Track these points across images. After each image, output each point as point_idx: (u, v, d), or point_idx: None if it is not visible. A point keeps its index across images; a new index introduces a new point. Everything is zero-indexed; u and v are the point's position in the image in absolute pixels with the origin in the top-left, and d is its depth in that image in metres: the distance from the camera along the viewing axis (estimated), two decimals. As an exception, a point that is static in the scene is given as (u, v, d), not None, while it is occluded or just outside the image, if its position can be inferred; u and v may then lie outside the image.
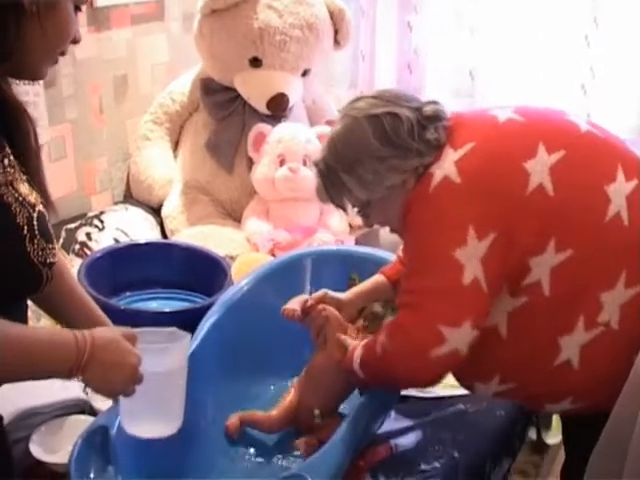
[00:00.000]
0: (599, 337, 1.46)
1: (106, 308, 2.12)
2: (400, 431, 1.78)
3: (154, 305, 2.37)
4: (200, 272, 2.40)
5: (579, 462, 1.72)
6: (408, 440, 1.75)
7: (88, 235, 2.50)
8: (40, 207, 1.24)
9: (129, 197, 2.94)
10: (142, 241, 2.53)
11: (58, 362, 1.16)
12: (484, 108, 1.65)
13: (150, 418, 1.33)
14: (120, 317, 2.12)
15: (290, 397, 1.79)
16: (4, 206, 1.17)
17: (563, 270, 1.44)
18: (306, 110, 3.06)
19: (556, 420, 2.13)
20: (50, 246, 1.24)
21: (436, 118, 1.53)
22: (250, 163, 2.80)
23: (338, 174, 1.56)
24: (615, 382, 1.45)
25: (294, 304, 1.81)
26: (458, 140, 1.50)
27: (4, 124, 1.22)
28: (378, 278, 1.86)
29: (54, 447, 1.66)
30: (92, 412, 1.82)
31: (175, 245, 2.56)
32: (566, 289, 1.46)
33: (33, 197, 1.23)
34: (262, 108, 2.78)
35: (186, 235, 2.67)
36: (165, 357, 1.31)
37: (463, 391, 1.79)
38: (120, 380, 1.22)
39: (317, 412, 1.71)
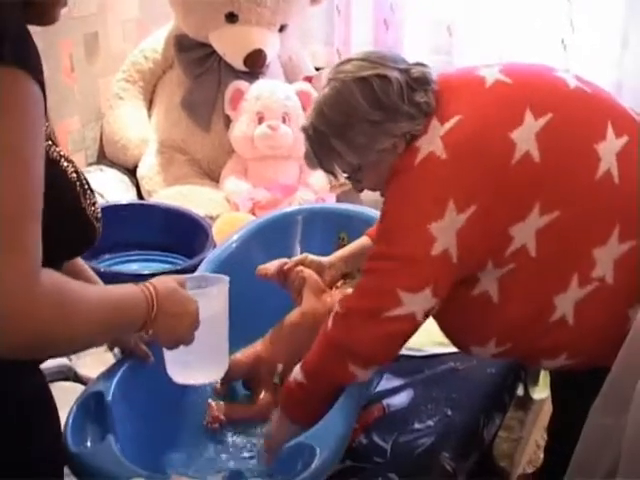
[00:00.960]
0: (594, 292, 1.46)
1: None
2: (392, 390, 1.77)
3: (134, 267, 2.34)
4: (180, 233, 2.38)
5: (569, 418, 1.73)
6: (400, 399, 1.74)
7: (64, 197, 2.44)
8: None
9: (103, 158, 2.88)
10: (120, 202, 2.49)
11: (133, 319, 1.12)
12: (471, 67, 1.62)
13: (202, 364, 1.35)
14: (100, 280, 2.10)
15: (259, 347, 1.75)
16: (54, 162, 1.10)
17: (550, 231, 1.44)
18: (282, 67, 3.00)
19: (543, 376, 2.14)
20: (95, 200, 1.20)
21: (424, 81, 1.51)
22: (227, 121, 2.76)
23: (328, 139, 1.52)
24: (611, 336, 1.45)
25: (269, 265, 1.79)
26: (446, 111, 1.48)
27: None
28: (364, 240, 1.83)
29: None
30: (77, 379, 1.78)
31: (154, 206, 2.53)
32: (555, 249, 1.45)
33: (64, 152, 1.16)
34: (239, 65, 2.73)
35: (164, 196, 2.63)
36: (212, 300, 1.32)
37: (453, 348, 1.78)
38: (184, 328, 1.21)
39: (280, 368, 1.68)
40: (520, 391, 2.11)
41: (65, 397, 1.47)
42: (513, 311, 1.48)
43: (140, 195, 2.76)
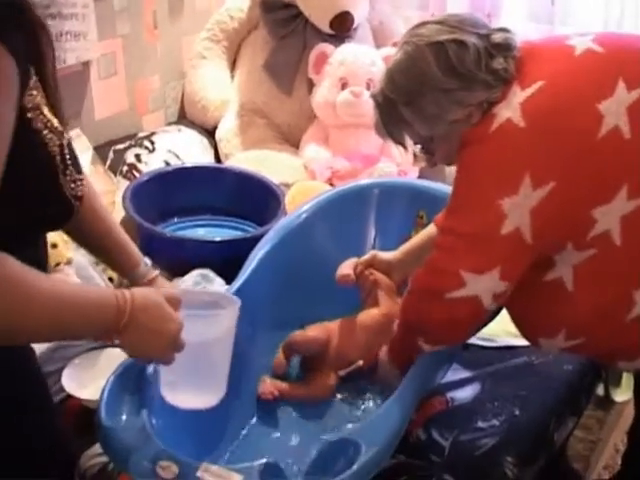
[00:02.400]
0: None
1: (150, 235, 2.06)
2: (457, 383, 1.65)
3: (201, 232, 2.28)
4: (252, 199, 2.31)
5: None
6: (465, 394, 1.63)
7: (137, 157, 2.40)
8: (66, 134, 1.11)
9: (183, 118, 2.82)
10: (192, 165, 2.42)
11: (95, 323, 1.05)
12: (561, 36, 1.49)
13: (190, 389, 1.24)
14: (165, 245, 2.06)
15: (329, 332, 1.69)
16: (34, 132, 1.04)
17: (637, 218, 1.31)
18: (372, 31, 2.87)
19: (626, 377, 1.99)
20: (80, 177, 1.13)
21: (506, 47, 1.39)
22: (310, 85, 2.66)
23: (397, 107, 1.43)
24: None
25: (346, 269, 1.73)
26: (527, 77, 1.36)
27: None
28: (430, 230, 1.72)
29: (87, 381, 1.59)
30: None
31: (227, 170, 2.45)
32: None
33: (56, 122, 1.10)
34: (325, 27, 2.63)
35: (240, 159, 2.56)
36: (210, 325, 1.21)
37: (528, 341, 1.65)
38: (158, 347, 1.11)
39: (356, 364, 1.65)
40: (600, 391, 1.97)
41: (116, 364, 1.41)
42: (587, 303, 1.36)
43: (218, 157, 2.69)
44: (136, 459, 1.21)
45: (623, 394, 2.04)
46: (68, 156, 1.09)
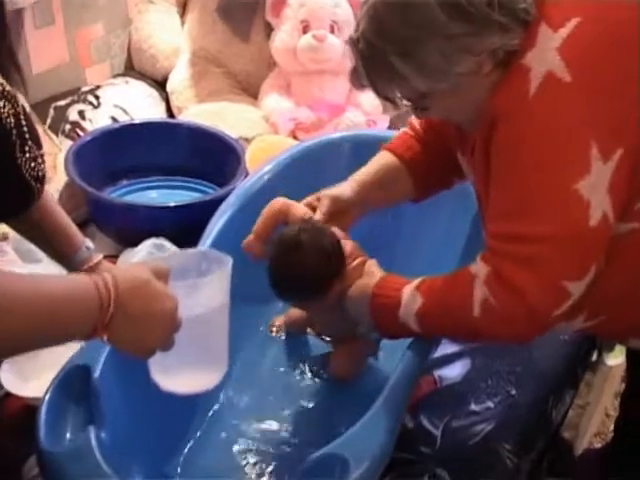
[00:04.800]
0: None
1: (97, 202, 1.87)
2: (445, 359, 1.50)
3: (154, 195, 2.11)
4: (209, 157, 2.13)
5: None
6: (455, 371, 1.48)
7: (81, 113, 2.20)
8: (22, 99, 0.94)
9: (130, 69, 2.62)
10: (141, 121, 2.22)
11: (79, 322, 0.86)
12: None
13: (189, 369, 1.06)
14: (114, 213, 1.87)
15: None
16: None
17: None
18: (334, -32, 2.67)
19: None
20: (41, 152, 0.96)
21: None
22: (269, 29, 2.47)
23: (388, 58, 1.14)
24: None
25: (255, 241, 1.41)
26: (556, 13, 1.11)
27: None
28: (386, 159, 1.44)
29: (30, 375, 1.41)
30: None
31: (180, 125, 2.27)
32: None
33: (7, 85, 0.92)
34: (282, -36, 2.43)
35: (194, 113, 2.37)
36: (203, 294, 1.02)
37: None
38: (156, 333, 0.92)
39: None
40: (594, 357, 1.84)
41: (61, 355, 1.23)
42: (614, 280, 1.18)
43: (170, 111, 2.50)
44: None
45: (616, 358, 1.92)
46: (26, 128, 0.91)
